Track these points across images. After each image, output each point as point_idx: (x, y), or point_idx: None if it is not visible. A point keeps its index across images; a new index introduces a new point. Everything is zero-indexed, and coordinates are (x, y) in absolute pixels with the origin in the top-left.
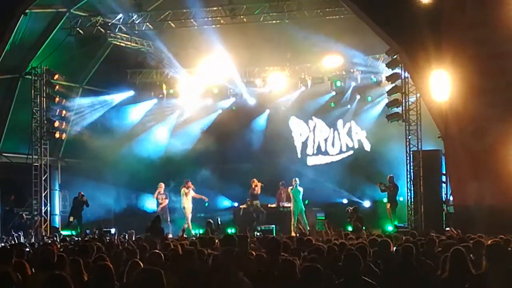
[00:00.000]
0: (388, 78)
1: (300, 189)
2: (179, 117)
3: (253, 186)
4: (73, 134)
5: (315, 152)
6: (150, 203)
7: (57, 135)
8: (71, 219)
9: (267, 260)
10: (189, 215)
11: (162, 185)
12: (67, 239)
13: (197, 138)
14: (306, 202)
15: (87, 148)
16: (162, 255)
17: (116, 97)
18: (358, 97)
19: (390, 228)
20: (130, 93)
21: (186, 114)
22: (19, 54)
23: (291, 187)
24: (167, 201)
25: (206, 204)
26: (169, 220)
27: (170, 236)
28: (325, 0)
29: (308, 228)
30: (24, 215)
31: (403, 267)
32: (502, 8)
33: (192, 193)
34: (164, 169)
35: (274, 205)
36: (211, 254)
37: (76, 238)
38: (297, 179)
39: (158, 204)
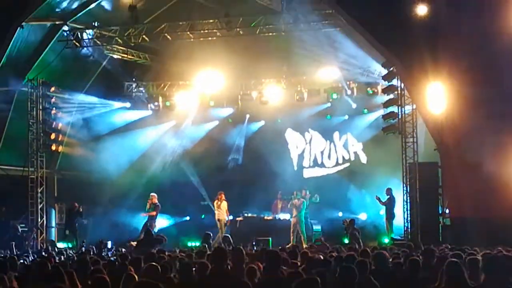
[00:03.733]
0: (384, 90)
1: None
2: (175, 129)
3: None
4: (70, 146)
5: (311, 164)
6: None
7: (53, 147)
8: (67, 232)
9: (264, 273)
10: (224, 228)
11: (154, 195)
12: (63, 252)
13: (193, 151)
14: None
15: (83, 160)
16: (159, 267)
17: (112, 109)
18: (354, 109)
19: (386, 240)
20: (126, 105)
21: (182, 126)
22: (16, 66)
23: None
24: (154, 212)
25: (202, 216)
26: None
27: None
28: (321, 12)
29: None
30: (19, 227)
31: (410, 281)
32: (497, 19)
33: (225, 205)
34: (161, 182)
35: (270, 217)
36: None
37: (71, 252)
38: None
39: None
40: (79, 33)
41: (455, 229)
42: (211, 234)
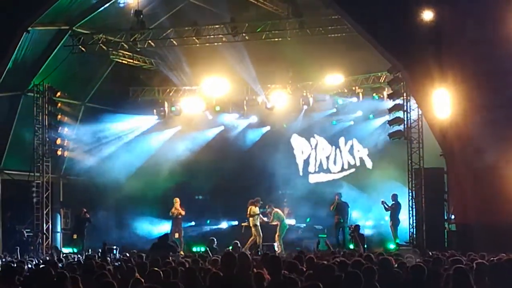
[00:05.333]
0: (390, 96)
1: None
2: (181, 134)
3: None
4: (75, 151)
5: (317, 169)
6: (149, 225)
7: (59, 152)
8: (75, 236)
9: (268, 278)
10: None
11: (178, 200)
12: (68, 257)
13: (199, 156)
14: (308, 219)
15: (89, 166)
16: (161, 272)
17: (118, 114)
18: (359, 115)
19: (392, 246)
20: (132, 110)
21: (188, 131)
22: (22, 71)
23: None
24: (183, 212)
25: (208, 222)
26: (181, 236)
27: (182, 253)
28: (327, 18)
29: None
30: (25, 232)
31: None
32: (502, 26)
33: (256, 211)
34: (166, 187)
35: (275, 223)
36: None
37: (77, 256)
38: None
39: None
40: (85, 38)
41: (461, 234)
42: (215, 240)
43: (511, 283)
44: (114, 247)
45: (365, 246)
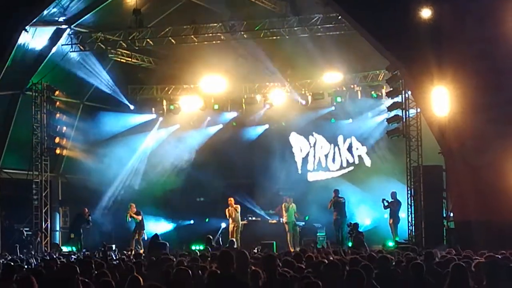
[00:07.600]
0: (389, 94)
1: None
2: (179, 132)
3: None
4: (74, 150)
5: (315, 168)
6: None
7: (57, 151)
8: (72, 235)
9: (265, 276)
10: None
11: (133, 205)
12: (68, 255)
13: (197, 154)
14: (306, 217)
15: (87, 164)
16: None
17: (116, 113)
18: (358, 113)
19: (391, 244)
20: (131, 109)
21: (186, 130)
22: (20, 70)
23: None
24: (140, 217)
25: (207, 220)
26: (141, 237)
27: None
28: (325, 16)
29: None
30: (24, 231)
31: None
32: (501, 25)
33: (291, 208)
34: (165, 186)
35: (274, 221)
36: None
37: (77, 255)
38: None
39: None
40: (83, 37)
41: (460, 232)
42: (212, 238)
43: (507, 281)
44: (113, 246)
45: (365, 244)
